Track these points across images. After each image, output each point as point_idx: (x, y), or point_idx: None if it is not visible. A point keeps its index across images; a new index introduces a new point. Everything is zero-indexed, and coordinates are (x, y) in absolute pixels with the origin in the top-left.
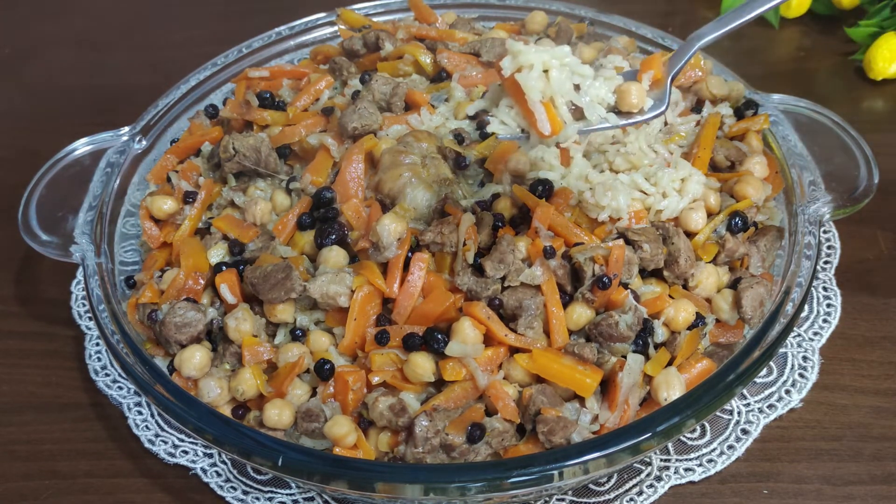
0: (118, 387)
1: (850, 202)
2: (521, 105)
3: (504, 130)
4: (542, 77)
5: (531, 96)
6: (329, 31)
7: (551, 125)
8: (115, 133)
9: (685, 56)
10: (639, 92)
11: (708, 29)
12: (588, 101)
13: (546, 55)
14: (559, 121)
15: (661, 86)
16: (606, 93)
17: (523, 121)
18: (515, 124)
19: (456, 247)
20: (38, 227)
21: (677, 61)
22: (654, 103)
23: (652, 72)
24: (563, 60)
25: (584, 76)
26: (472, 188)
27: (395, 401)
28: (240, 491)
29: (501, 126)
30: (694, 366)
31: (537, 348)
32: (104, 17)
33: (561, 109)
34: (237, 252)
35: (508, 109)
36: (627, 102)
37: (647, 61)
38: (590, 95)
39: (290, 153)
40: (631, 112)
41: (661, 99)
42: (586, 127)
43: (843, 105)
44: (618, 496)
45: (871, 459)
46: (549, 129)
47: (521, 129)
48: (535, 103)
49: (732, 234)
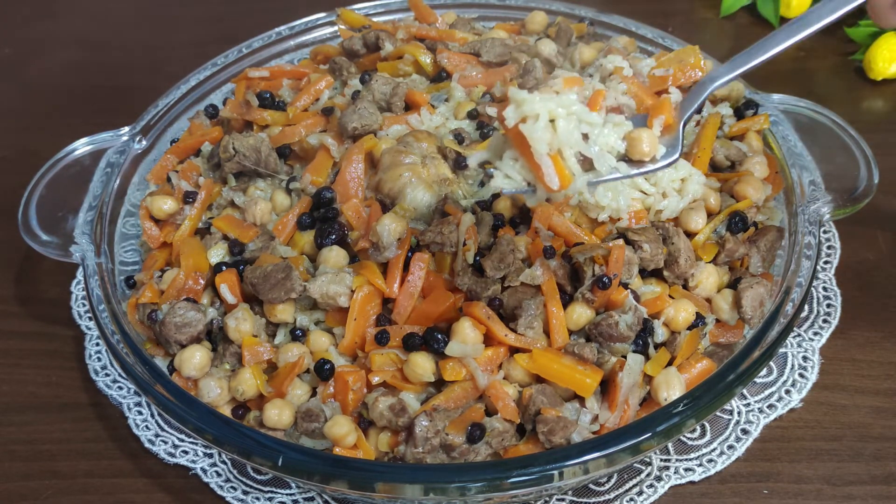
0: (118, 387)
1: (850, 202)
2: (526, 157)
3: (509, 185)
4: (548, 128)
5: (538, 149)
6: (329, 31)
7: (560, 179)
8: (115, 133)
9: (697, 100)
10: (650, 139)
11: (721, 71)
12: (597, 151)
13: (552, 104)
14: (568, 174)
15: (673, 131)
16: (616, 140)
17: (529, 174)
18: (521, 178)
19: (456, 247)
20: (38, 227)
21: (689, 105)
22: (666, 150)
23: (663, 117)
24: (569, 109)
25: (592, 124)
26: (472, 188)
27: (395, 401)
28: (240, 491)
29: (506, 180)
30: (694, 366)
31: (537, 348)
32: (104, 17)
33: (569, 161)
34: (237, 252)
35: (513, 162)
36: (639, 151)
37: (658, 106)
38: (599, 144)
39: (290, 153)
40: (642, 160)
41: (674, 145)
42: (596, 178)
43: (843, 105)
44: (618, 496)
45: (871, 459)
46: (557, 183)
47: (528, 183)
48: (542, 156)
49: (732, 234)
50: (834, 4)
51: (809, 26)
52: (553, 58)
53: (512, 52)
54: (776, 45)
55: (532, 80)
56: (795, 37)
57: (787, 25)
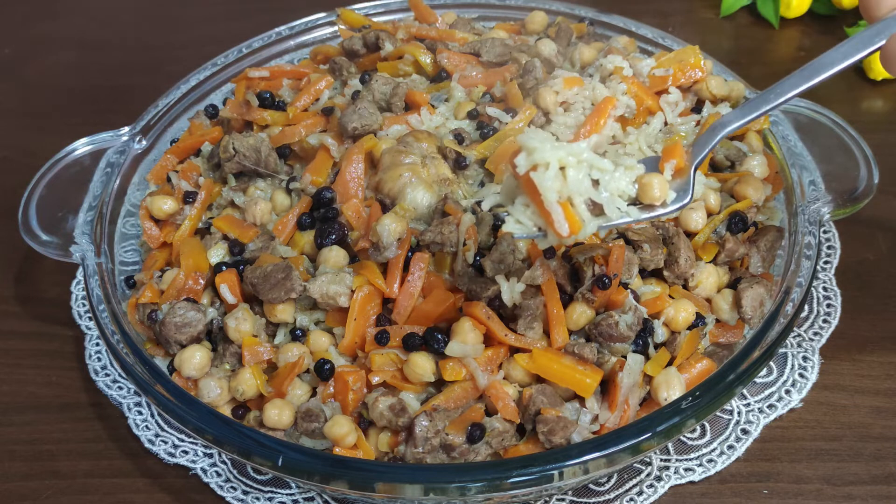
0: (118, 387)
1: (850, 202)
2: (537, 204)
3: (520, 230)
4: (558, 176)
5: (548, 197)
6: (329, 31)
7: (570, 226)
8: (115, 133)
9: (709, 144)
10: (661, 184)
11: (733, 116)
12: (607, 197)
13: (562, 152)
14: (577, 221)
15: (685, 175)
16: (627, 184)
17: (540, 220)
18: (532, 223)
19: (456, 247)
20: (38, 227)
21: (700, 150)
22: (677, 195)
23: (675, 161)
24: (580, 157)
25: (603, 170)
26: (472, 188)
27: (395, 401)
28: (240, 491)
29: (517, 225)
30: (694, 366)
31: (537, 348)
32: (104, 17)
33: (579, 208)
34: (237, 252)
35: (524, 208)
36: (650, 196)
37: (670, 150)
38: (610, 190)
39: (290, 153)
40: (653, 204)
41: (685, 190)
42: (606, 223)
43: (843, 105)
44: (618, 496)
45: (871, 459)
46: (567, 230)
47: (538, 228)
48: (552, 204)
49: (732, 234)
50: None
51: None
52: (553, 58)
53: (512, 52)
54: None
55: (532, 80)
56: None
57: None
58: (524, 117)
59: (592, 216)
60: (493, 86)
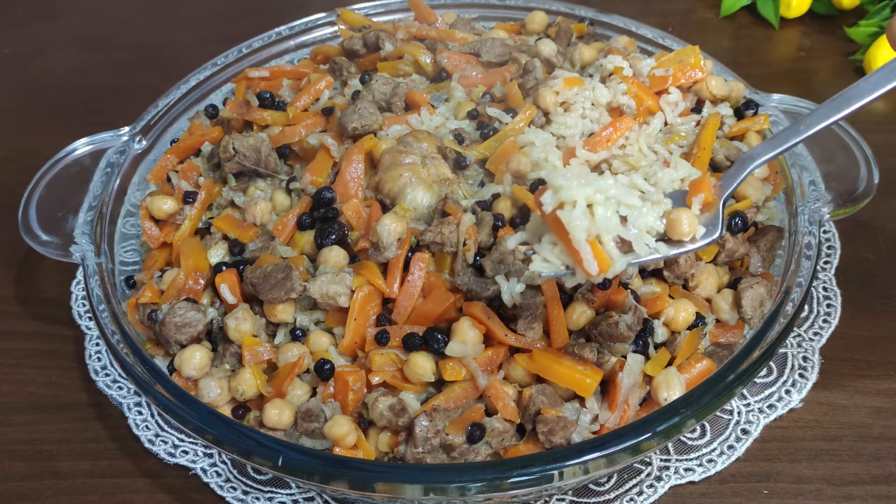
0: (118, 387)
1: (850, 202)
2: (564, 242)
3: (548, 269)
4: (586, 214)
5: (576, 236)
6: (329, 31)
7: (599, 264)
8: (115, 133)
9: (738, 178)
10: (690, 220)
11: (761, 149)
12: (636, 234)
13: (590, 189)
14: (606, 258)
15: (713, 209)
16: (655, 220)
17: (568, 258)
18: (560, 262)
19: (456, 247)
20: (38, 227)
21: (729, 183)
22: (706, 230)
23: (703, 195)
24: (607, 194)
25: (631, 206)
26: (472, 188)
27: (395, 401)
28: (240, 491)
29: (545, 264)
30: (694, 366)
31: (537, 348)
32: (104, 17)
33: (608, 246)
34: (237, 252)
35: (552, 246)
36: (678, 231)
37: (698, 183)
38: (638, 226)
39: (290, 153)
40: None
41: (714, 223)
42: (635, 259)
43: None
44: (618, 496)
45: (871, 459)
46: (596, 269)
47: (566, 267)
48: (581, 243)
49: (732, 234)
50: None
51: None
52: (553, 58)
53: (512, 52)
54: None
55: (532, 80)
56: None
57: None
58: (524, 117)
59: (621, 253)
60: (493, 86)
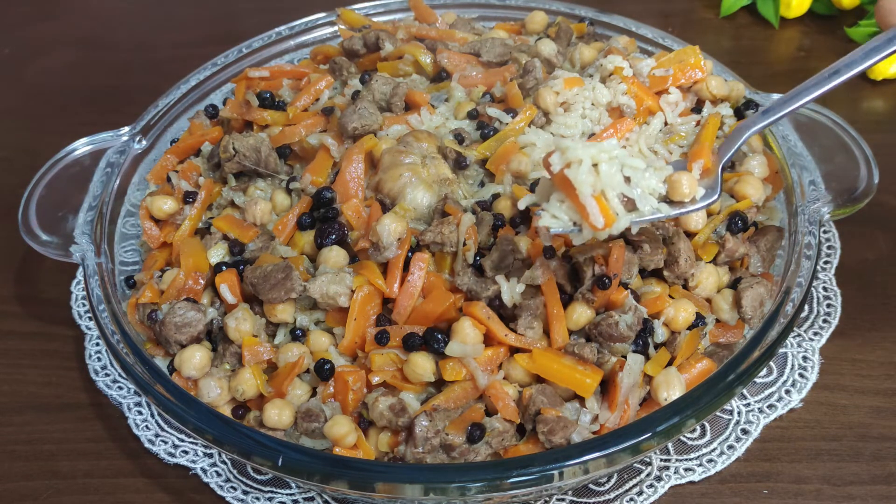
0: (118, 387)
1: (850, 202)
2: (572, 199)
3: (556, 224)
4: (591, 171)
5: (582, 191)
6: (329, 31)
7: (604, 218)
8: (115, 133)
9: (735, 145)
10: (690, 182)
11: (756, 119)
12: (640, 193)
13: (594, 150)
14: (611, 213)
15: (712, 174)
16: (657, 183)
17: (575, 214)
18: (567, 218)
19: (456, 247)
20: (38, 227)
21: (727, 150)
22: (705, 192)
23: (702, 161)
24: (611, 154)
25: (635, 168)
26: (472, 188)
27: (395, 401)
28: (240, 491)
29: (553, 220)
30: (694, 366)
31: (537, 348)
32: (104, 17)
33: (613, 202)
34: (237, 252)
35: (560, 204)
36: (679, 192)
37: (697, 151)
38: (641, 187)
39: (290, 153)
40: (682, 201)
41: (713, 187)
42: (639, 217)
43: (843, 105)
44: (618, 496)
45: (871, 459)
46: (602, 222)
47: (574, 223)
48: (587, 197)
49: (732, 234)
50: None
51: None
52: (553, 58)
53: (512, 52)
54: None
55: (532, 80)
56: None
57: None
58: (524, 117)
59: (625, 211)
60: (493, 86)
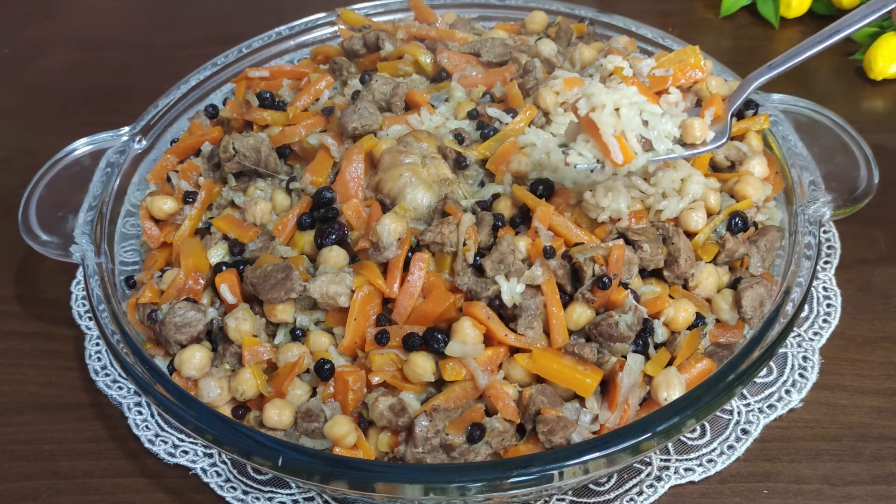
0: (118, 387)
1: (850, 202)
2: (596, 139)
3: (581, 161)
4: (613, 114)
5: (605, 131)
6: (329, 31)
7: (624, 156)
8: (115, 133)
9: (743, 94)
10: (702, 126)
11: (764, 70)
12: (656, 135)
13: (616, 95)
14: (630, 151)
15: (722, 121)
16: (672, 127)
17: (599, 152)
18: (592, 155)
19: (456, 247)
20: (38, 227)
21: (736, 98)
22: (715, 135)
23: (713, 108)
24: (631, 100)
25: (652, 113)
26: (472, 188)
27: (395, 401)
28: (240, 491)
29: (579, 157)
30: (694, 366)
31: (537, 348)
32: (104, 17)
33: (632, 142)
34: (237, 252)
35: (585, 143)
36: (692, 135)
37: (709, 100)
38: (658, 130)
39: (290, 153)
40: (694, 143)
41: (722, 132)
42: (655, 157)
43: (843, 105)
44: (618, 496)
45: (871, 459)
46: (621, 158)
47: (597, 160)
48: (608, 136)
49: (732, 234)
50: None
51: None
52: (553, 58)
53: (512, 52)
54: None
55: (532, 80)
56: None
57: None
58: (524, 117)
59: (643, 150)
60: (493, 86)
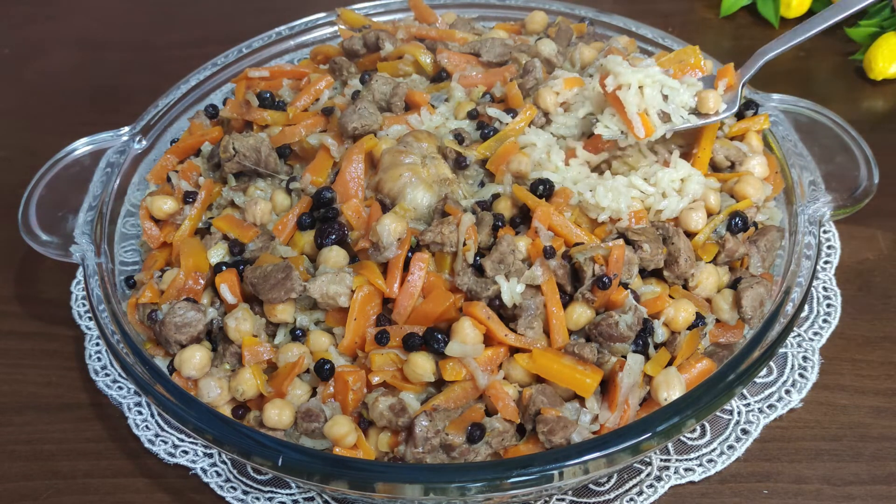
0: (118, 387)
1: (850, 202)
2: (621, 114)
3: (607, 132)
4: (637, 93)
5: (629, 109)
6: (329, 31)
7: (645, 130)
8: (115, 133)
9: (753, 67)
10: (715, 98)
11: (774, 44)
12: (674, 108)
13: (641, 75)
14: (651, 126)
15: (733, 91)
16: (689, 98)
17: (622, 125)
18: (616, 127)
19: (456, 247)
20: (38, 227)
21: (746, 71)
22: (726, 105)
23: (726, 80)
24: (654, 79)
25: (672, 88)
26: (472, 188)
27: (395, 401)
28: (240, 491)
29: (605, 129)
30: (694, 366)
31: (537, 348)
32: (104, 17)
33: (653, 117)
34: (237, 252)
35: (611, 116)
36: (706, 106)
37: (722, 71)
38: (676, 102)
39: (290, 153)
40: (708, 114)
41: (733, 101)
42: (672, 128)
43: (843, 105)
44: (618, 496)
45: (871, 459)
46: (643, 133)
47: (621, 131)
48: (633, 114)
49: (732, 234)
50: None
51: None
52: (553, 58)
53: (512, 52)
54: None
55: (532, 80)
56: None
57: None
58: (524, 117)
59: (662, 123)
60: (493, 86)
